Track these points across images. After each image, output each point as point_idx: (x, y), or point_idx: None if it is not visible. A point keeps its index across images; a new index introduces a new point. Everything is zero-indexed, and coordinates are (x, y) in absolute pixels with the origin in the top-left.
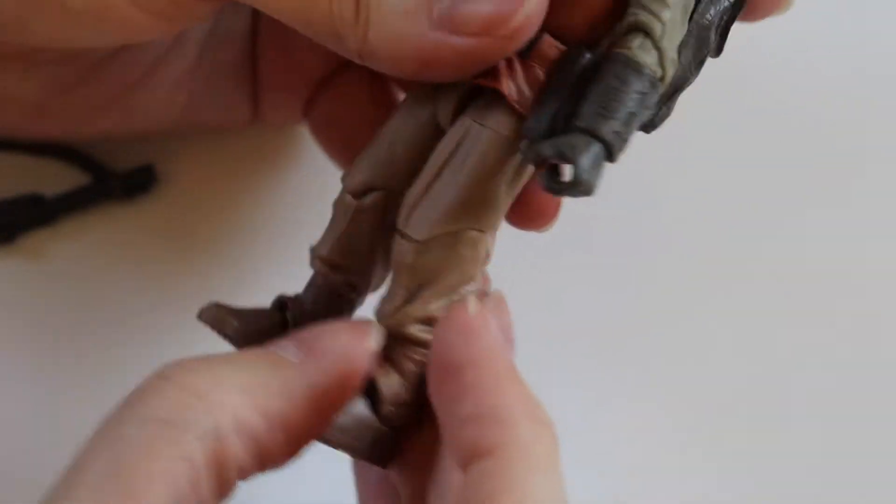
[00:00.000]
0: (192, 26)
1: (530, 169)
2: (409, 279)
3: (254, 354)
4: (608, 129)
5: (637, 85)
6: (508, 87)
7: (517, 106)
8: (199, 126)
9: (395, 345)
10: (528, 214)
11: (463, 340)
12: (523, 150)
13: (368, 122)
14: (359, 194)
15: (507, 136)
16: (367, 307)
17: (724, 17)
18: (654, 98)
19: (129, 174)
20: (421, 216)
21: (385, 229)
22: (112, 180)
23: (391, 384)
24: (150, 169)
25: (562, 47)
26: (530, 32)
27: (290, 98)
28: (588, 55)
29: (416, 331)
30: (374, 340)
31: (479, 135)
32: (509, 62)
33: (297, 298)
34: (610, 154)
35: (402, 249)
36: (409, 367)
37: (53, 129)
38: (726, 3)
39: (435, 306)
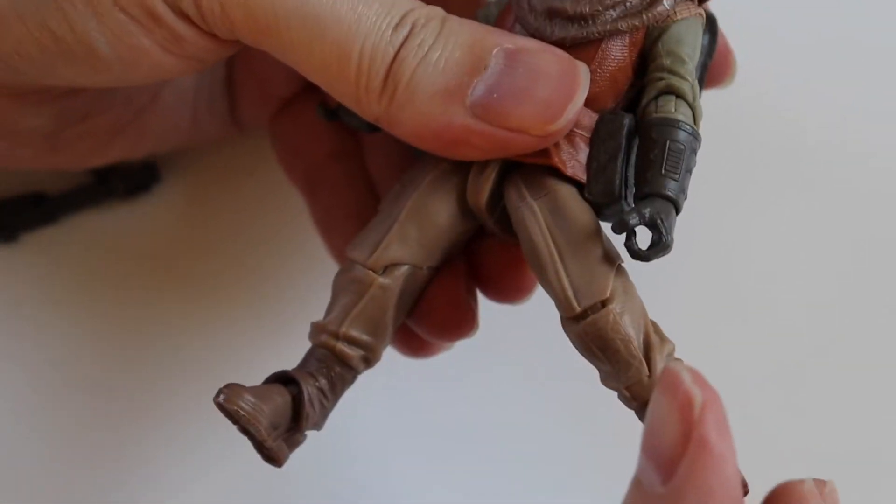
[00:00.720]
0: (218, 61)
1: None
2: (629, 347)
3: None
4: (675, 188)
5: (688, 144)
6: (561, 160)
7: (573, 176)
8: (208, 141)
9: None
10: (510, 289)
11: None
12: (613, 223)
13: (324, 146)
14: (380, 269)
15: (571, 190)
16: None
17: (700, 68)
18: (697, 153)
19: (132, 173)
20: (585, 284)
21: (403, 299)
22: (114, 179)
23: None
24: (152, 167)
25: (594, 114)
26: (566, 131)
27: (260, 112)
28: (630, 117)
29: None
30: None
31: (555, 199)
32: None
33: (301, 374)
34: (677, 210)
35: (601, 321)
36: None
37: (68, 161)
38: (703, 57)
39: (661, 355)
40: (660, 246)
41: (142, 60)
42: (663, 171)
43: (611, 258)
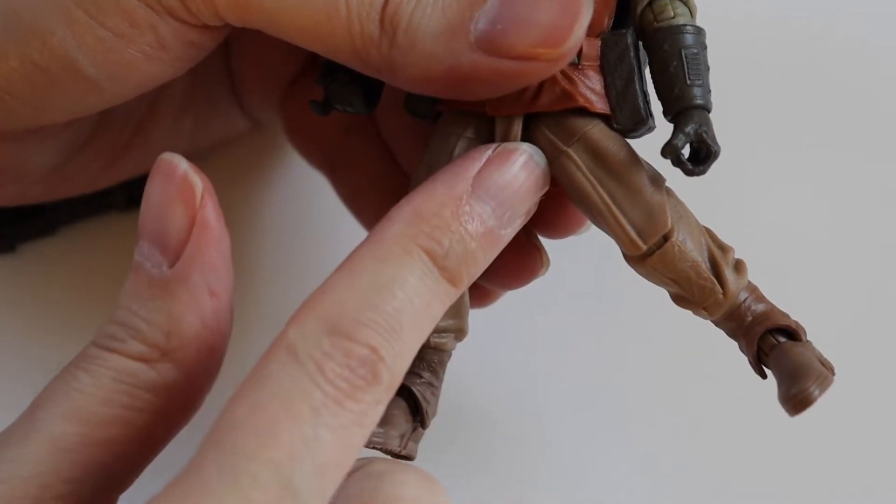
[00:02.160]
0: (203, 56)
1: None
2: (699, 271)
3: None
4: (701, 94)
5: (697, 44)
6: (586, 99)
7: (602, 111)
8: (211, 147)
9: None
10: (562, 222)
11: None
12: (663, 148)
13: (335, 122)
14: None
15: (602, 126)
16: None
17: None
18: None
19: (132, 184)
20: (642, 220)
21: None
22: (115, 190)
23: None
24: None
25: (596, 41)
26: (572, 57)
27: (267, 100)
28: (629, 36)
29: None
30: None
31: (588, 142)
32: (566, 75)
33: (409, 373)
34: (709, 111)
35: (669, 254)
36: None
37: (81, 188)
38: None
39: (729, 267)
40: (710, 156)
41: (129, 73)
42: (688, 82)
43: (658, 184)
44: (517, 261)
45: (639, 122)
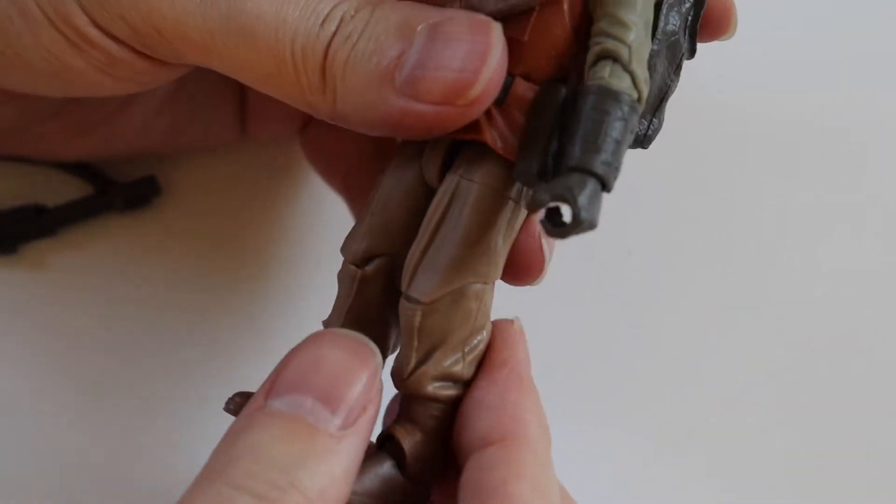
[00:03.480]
0: (158, 86)
1: (522, 216)
2: (421, 341)
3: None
4: (598, 161)
5: (617, 112)
6: (492, 137)
7: (504, 154)
8: (185, 147)
9: (415, 404)
10: (517, 270)
11: (507, 345)
12: (525, 199)
13: (359, 148)
14: (361, 263)
15: (496, 188)
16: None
17: (689, 18)
18: (635, 120)
19: (132, 185)
20: (424, 278)
21: (393, 292)
22: (114, 191)
23: (415, 442)
24: (152, 180)
25: (535, 87)
26: (490, 100)
27: (280, 125)
28: (563, 89)
29: (434, 389)
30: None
31: (469, 190)
32: (487, 112)
33: None
34: (605, 185)
35: (408, 312)
36: (431, 423)
37: (36, 153)
38: (688, 4)
39: (449, 362)
40: (573, 224)
41: (76, 78)
42: (584, 143)
43: (468, 273)
44: (517, 262)
45: (529, 178)
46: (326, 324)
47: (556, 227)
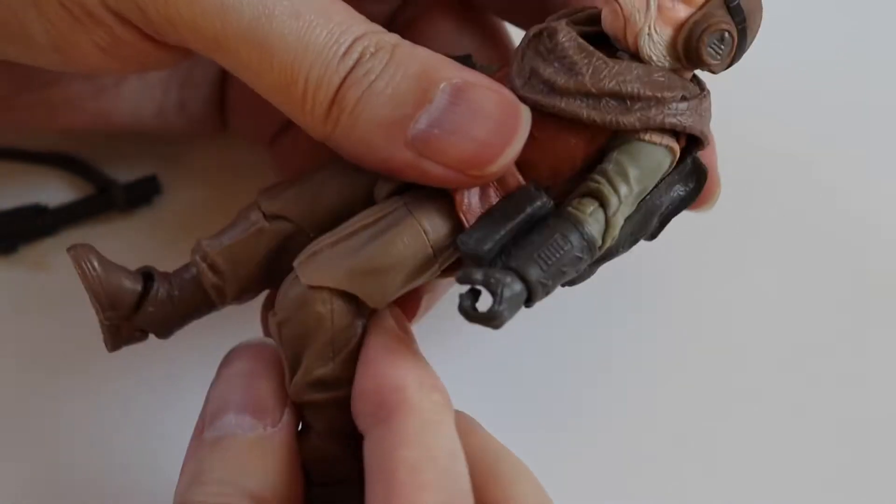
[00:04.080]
0: (159, 70)
1: (432, 272)
2: (285, 350)
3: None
4: (537, 276)
5: (577, 248)
6: (463, 198)
7: (462, 214)
8: (168, 132)
9: (304, 410)
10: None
11: (374, 327)
12: (458, 275)
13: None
14: (270, 217)
15: (427, 234)
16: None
17: (670, 208)
18: (585, 264)
19: (132, 185)
20: (319, 264)
21: (272, 260)
22: (115, 191)
23: (310, 448)
24: (152, 179)
25: (521, 180)
26: (499, 175)
27: (256, 132)
28: (545, 201)
29: (313, 395)
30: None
31: (403, 220)
32: None
33: (164, 276)
34: (529, 299)
35: (272, 321)
36: (321, 425)
37: (22, 122)
38: (678, 194)
39: (319, 369)
40: (486, 314)
41: (77, 56)
42: (534, 255)
43: (356, 285)
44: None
45: (475, 254)
46: (203, 243)
47: (470, 310)
